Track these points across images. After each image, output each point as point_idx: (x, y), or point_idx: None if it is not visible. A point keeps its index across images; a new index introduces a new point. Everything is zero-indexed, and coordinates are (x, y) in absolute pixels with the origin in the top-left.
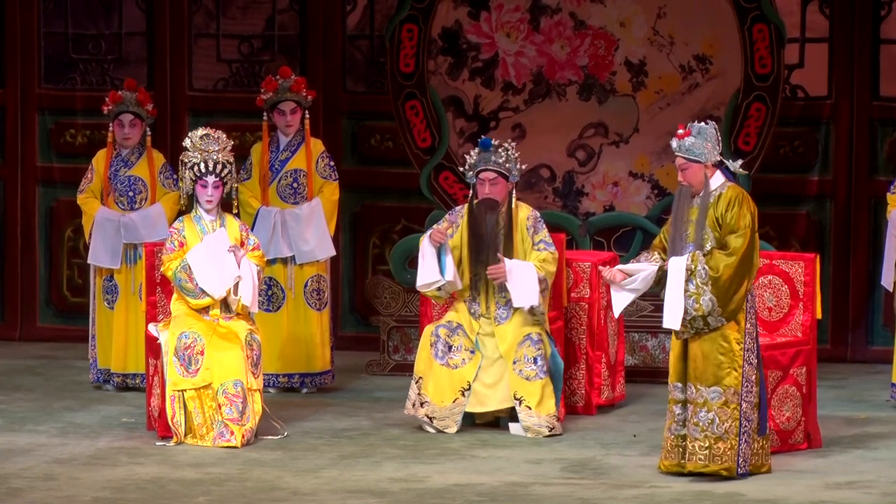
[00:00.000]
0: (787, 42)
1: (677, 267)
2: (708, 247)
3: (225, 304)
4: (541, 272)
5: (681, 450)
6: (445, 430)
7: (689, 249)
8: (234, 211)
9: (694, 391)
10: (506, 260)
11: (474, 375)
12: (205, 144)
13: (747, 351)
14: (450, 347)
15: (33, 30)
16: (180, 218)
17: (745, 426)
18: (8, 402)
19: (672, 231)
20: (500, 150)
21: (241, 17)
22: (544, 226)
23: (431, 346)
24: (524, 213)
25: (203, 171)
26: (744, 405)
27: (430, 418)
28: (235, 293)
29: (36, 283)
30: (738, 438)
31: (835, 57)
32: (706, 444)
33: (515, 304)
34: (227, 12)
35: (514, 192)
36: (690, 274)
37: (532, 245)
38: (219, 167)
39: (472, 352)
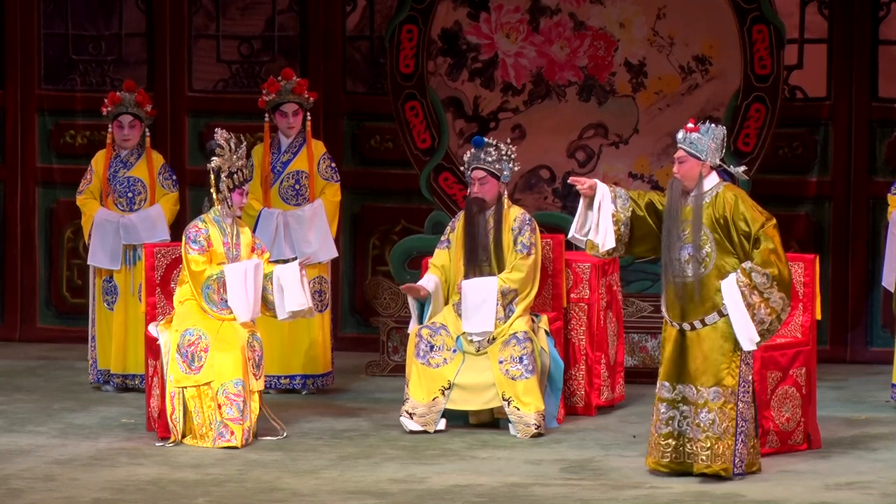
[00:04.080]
0: (787, 43)
1: (730, 290)
2: (707, 248)
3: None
4: (505, 284)
5: (664, 447)
6: (425, 428)
7: (687, 251)
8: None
9: (694, 392)
10: (464, 283)
11: (455, 375)
12: (239, 151)
13: (745, 351)
14: (432, 347)
15: (33, 31)
16: (200, 217)
17: (742, 426)
18: (8, 402)
19: (665, 224)
20: (491, 148)
21: (240, 18)
22: (532, 228)
23: (415, 346)
24: (514, 215)
25: (243, 178)
26: (740, 405)
27: (411, 414)
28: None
29: (36, 284)
30: (734, 438)
31: (834, 58)
32: (707, 445)
33: (464, 329)
34: (226, 13)
35: (504, 193)
36: (751, 288)
37: (513, 246)
38: (245, 172)
39: (454, 351)
